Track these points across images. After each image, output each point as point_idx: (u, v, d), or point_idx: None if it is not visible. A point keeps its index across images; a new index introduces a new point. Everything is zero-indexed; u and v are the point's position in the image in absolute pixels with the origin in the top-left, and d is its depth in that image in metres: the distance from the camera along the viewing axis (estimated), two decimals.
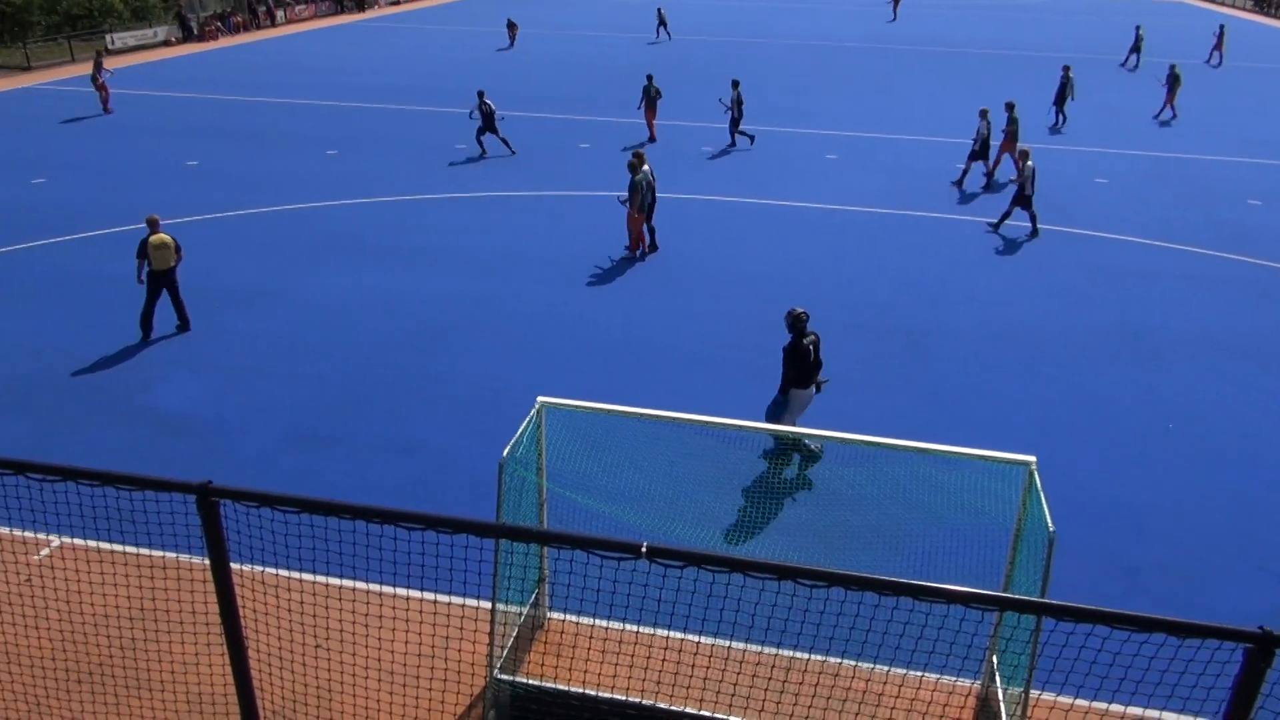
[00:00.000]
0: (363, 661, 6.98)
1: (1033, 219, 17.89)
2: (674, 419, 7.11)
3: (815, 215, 18.99)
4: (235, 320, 13.82)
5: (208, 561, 4.18)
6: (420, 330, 13.58)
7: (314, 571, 7.78)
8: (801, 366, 9.65)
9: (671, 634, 7.41)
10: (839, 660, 7.15)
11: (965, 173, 21.21)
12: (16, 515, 8.61)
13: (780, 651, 7.20)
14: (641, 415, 7.15)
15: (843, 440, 6.61)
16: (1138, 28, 39.55)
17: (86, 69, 36.02)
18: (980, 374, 12.45)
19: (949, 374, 12.44)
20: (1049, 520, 5.65)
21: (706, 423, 7.31)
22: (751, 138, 24.45)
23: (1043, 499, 5.89)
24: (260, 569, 7.93)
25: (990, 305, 14.67)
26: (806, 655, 7.18)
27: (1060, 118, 27.42)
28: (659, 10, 45.79)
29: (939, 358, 12.90)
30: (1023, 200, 17.57)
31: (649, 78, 25.01)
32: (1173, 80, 28.68)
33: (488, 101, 22.94)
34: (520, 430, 6.94)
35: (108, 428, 10.93)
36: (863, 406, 11.55)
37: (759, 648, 7.36)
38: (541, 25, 50.59)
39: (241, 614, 4.12)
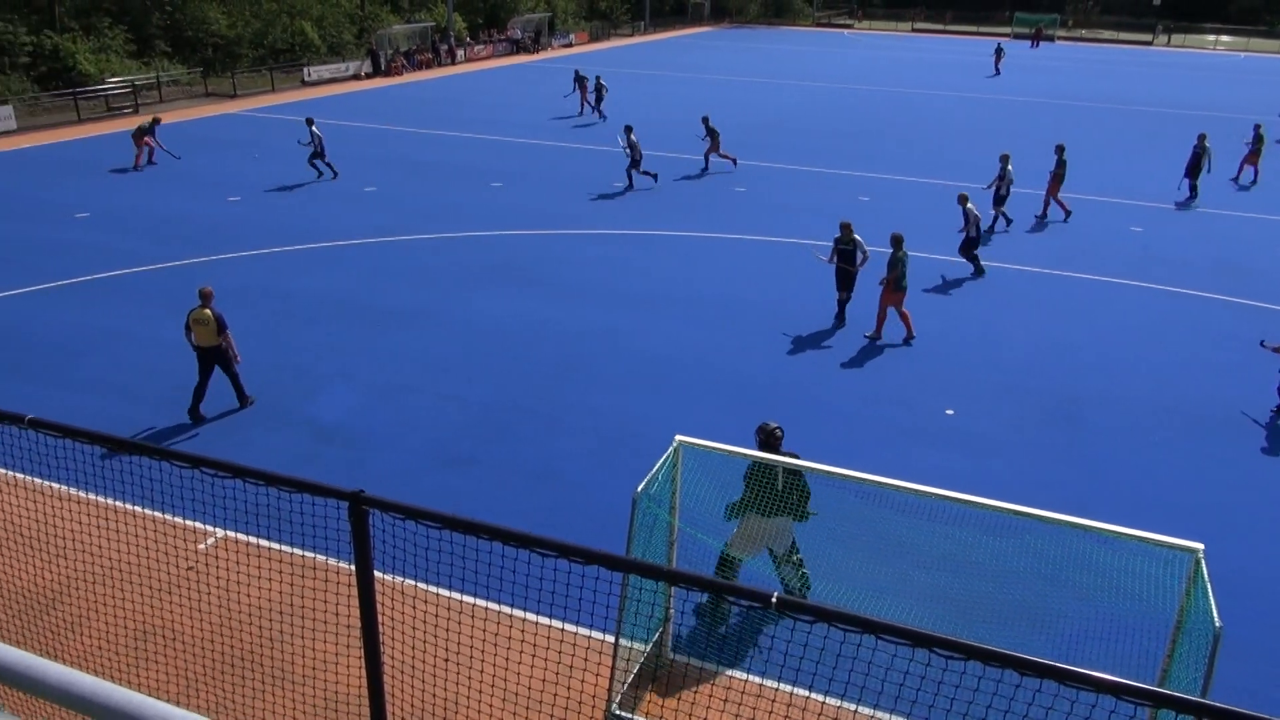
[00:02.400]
0: (488, 680, 7.13)
1: (974, 260, 18.17)
2: (811, 469, 7.00)
3: (968, 271, 18.39)
4: (393, 339, 14.54)
5: (353, 566, 4.38)
6: (565, 360, 13.90)
7: (449, 587, 8.02)
8: (761, 487, 7.98)
9: (795, 690, 7.24)
10: None
11: (995, 219, 21.45)
12: (189, 506, 9.28)
13: None
14: (776, 462, 7.08)
15: (989, 508, 6.34)
16: None
17: (285, 98, 39.01)
18: (1143, 448, 11.69)
19: (1107, 445, 11.73)
20: (1215, 614, 5.23)
21: (844, 476, 7.16)
22: (655, 176, 24.74)
23: (1209, 591, 5.46)
24: (399, 579, 8.24)
25: (1157, 377, 13.77)
26: None
27: (1191, 191, 24.72)
28: (597, 79, 35.49)
29: (1096, 427, 12.20)
30: (971, 243, 17.71)
31: (705, 119, 27.00)
32: (1257, 141, 26.80)
33: (316, 130, 24.16)
34: (656, 467, 6.99)
35: (271, 431, 11.66)
36: (1011, 472, 11.04)
37: (886, 715, 7.08)
38: (704, 70, 51.42)
39: (380, 620, 4.29)
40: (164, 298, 16.01)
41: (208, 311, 11.57)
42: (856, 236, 15.16)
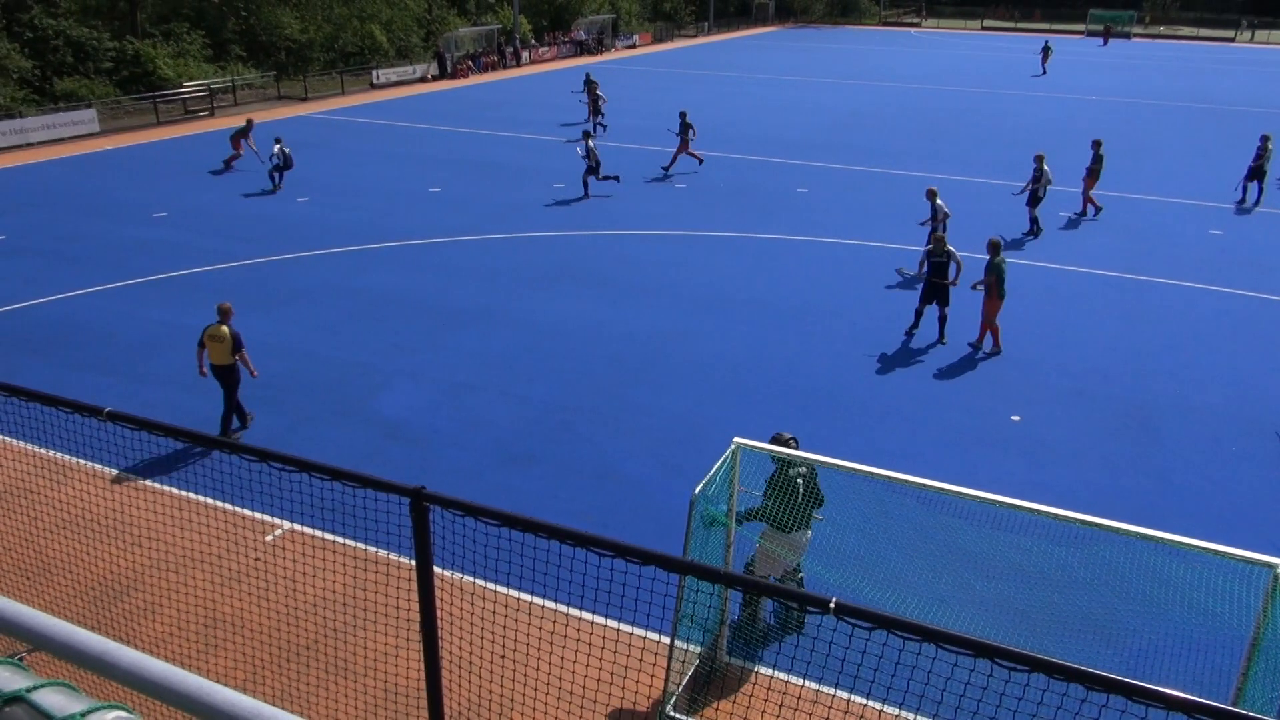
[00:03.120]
0: (544, 677, 7.18)
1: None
2: (870, 474, 6.91)
3: (1041, 274, 17.98)
4: (457, 337, 14.73)
5: (414, 561, 4.45)
6: (626, 360, 13.94)
7: (507, 584, 8.11)
8: (782, 502, 7.60)
9: (853, 698, 7.15)
10: None
11: (1035, 222, 20.60)
12: (257, 498, 9.52)
13: None
14: (837, 467, 7.00)
15: (1056, 516, 6.19)
16: None
17: (354, 101, 39.80)
18: (1221, 460, 11.30)
19: (1182, 456, 11.37)
20: None
21: (905, 481, 7.05)
22: (616, 177, 24.02)
23: None
24: (459, 575, 8.35)
25: (1236, 385, 13.29)
26: None
27: (1250, 192, 23.46)
28: (595, 91, 32.72)
29: (1171, 437, 11.82)
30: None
31: (683, 114, 26.05)
32: None
33: (284, 149, 24.01)
34: (714, 469, 6.97)
35: (337, 427, 11.91)
36: (1079, 481, 10.76)
37: None
38: (767, 71, 51.13)
39: (438, 615, 4.35)
40: (238, 295, 16.45)
41: (225, 329, 11.15)
42: (950, 248, 14.45)
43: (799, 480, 7.67)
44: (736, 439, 7.29)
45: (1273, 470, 11.08)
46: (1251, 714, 2.58)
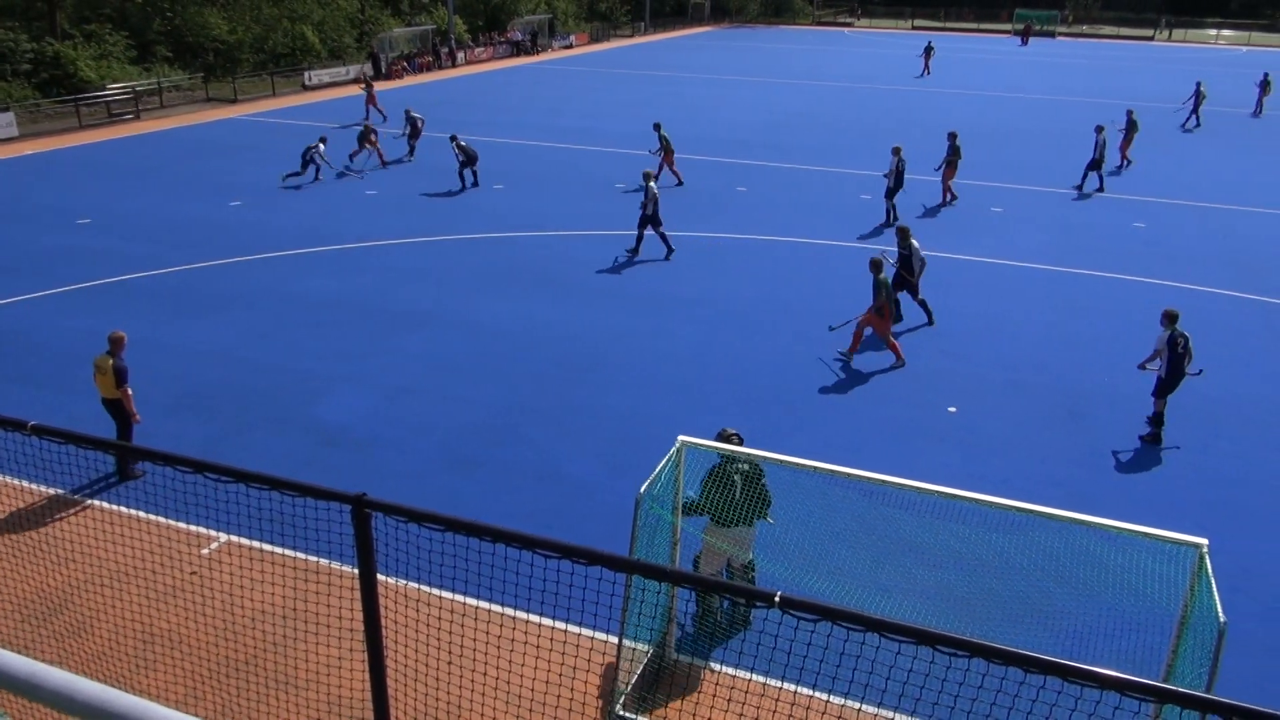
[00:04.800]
0: (491, 682, 7.12)
1: (637, 239, 18.83)
2: (814, 468, 6.99)
3: (975, 268, 18.39)
4: (400, 341, 14.54)
5: (356, 570, 4.38)
6: (569, 361, 13.90)
7: (452, 590, 8.03)
8: (719, 496, 7.61)
9: (800, 690, 7.23)
10: None
11: (890, 211, 21.39)
12: (192, 510, 9.29)
13: None
14: (781, 462, 7.07)
15: (994, 505, 6.33)
16: (1198, 84, 36.02)
17: (286, 103, 39.02)
18: (1148, 445, 11.67)
19: (1112, 442, 11.72)
20: (1219, 610, 5.22)
21: (847, 474, 7.14)
22: (464, 187, 24.38)
23: (1213, 586, 5.45)
24: (403, 582, 8.25)
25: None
26: None
27: (1084, 179, 25.06)
28: (407, 111, 28.94)
29: (1102, 424, 12.18)
30: (646, 220, 18.36)
31: (657, 125, 25.38)
32: (1130, 127, 27.71)
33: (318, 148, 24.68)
34: (659, 468, 6.99)
35: (275, 435, 11.67)
36: (1014, 470, 11.03)
37: (890, 713, 7.08)
38: (704, 71, 51.43)
39: (383, 623, 4.29)
40: (169, 302, 16.03)
41: (109, 360, 10.24)
42: (914, 242, 14.80)
43: (736, 477, 7.71)
44: (681, 437, 7.32)
45: (1192, 453, 11.48)
46: (1181, 689, 2.67)
